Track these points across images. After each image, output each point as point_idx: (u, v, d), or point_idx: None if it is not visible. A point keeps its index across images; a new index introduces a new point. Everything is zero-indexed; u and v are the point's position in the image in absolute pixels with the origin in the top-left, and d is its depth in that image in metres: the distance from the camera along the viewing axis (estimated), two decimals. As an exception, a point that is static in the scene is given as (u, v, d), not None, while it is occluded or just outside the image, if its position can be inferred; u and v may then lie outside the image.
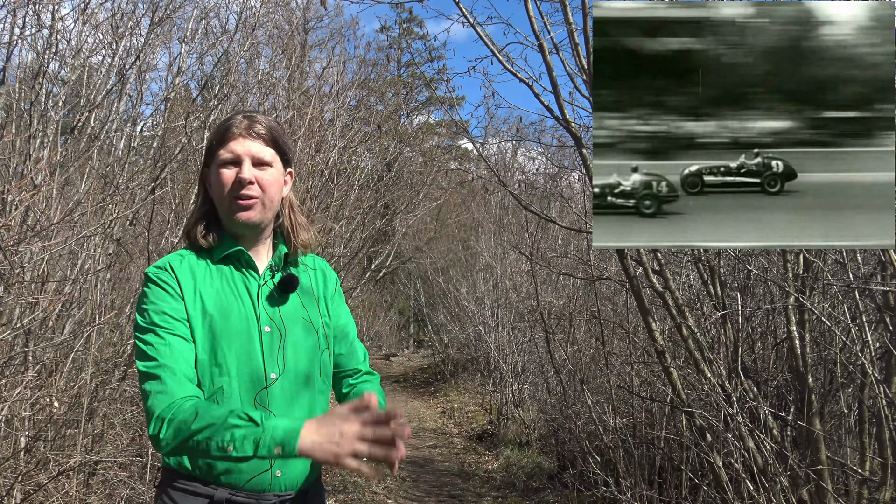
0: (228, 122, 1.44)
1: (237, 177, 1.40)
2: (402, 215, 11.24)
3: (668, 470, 4.39)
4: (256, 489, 1.39)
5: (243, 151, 1.41)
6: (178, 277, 1.42)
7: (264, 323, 1.45)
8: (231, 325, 1.41)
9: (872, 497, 2.79)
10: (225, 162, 1.42)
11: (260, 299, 1.47)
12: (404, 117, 16.64)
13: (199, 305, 1.41)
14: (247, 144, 1.42)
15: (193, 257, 1.47)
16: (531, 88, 3.42)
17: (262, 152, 1.43)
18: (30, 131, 3.72)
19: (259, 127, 1.43)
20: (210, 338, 1.39)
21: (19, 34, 3.77)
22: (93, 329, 3.42)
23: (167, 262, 1.45)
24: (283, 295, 1.49)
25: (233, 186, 1.41)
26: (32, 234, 3.14)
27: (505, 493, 5.73)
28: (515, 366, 8.26)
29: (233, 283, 1.46)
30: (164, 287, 1.40)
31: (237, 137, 1.42)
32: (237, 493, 1.38)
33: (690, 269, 4.09)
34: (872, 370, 2.65)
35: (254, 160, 1.42)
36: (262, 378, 1.42)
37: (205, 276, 1.45)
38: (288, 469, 1.42)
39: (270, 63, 6.44)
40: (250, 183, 1.41)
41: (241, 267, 1.48)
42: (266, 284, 1.49)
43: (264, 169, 1.43)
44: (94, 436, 3.48)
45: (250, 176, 1.41)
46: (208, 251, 1.48)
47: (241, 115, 1.45)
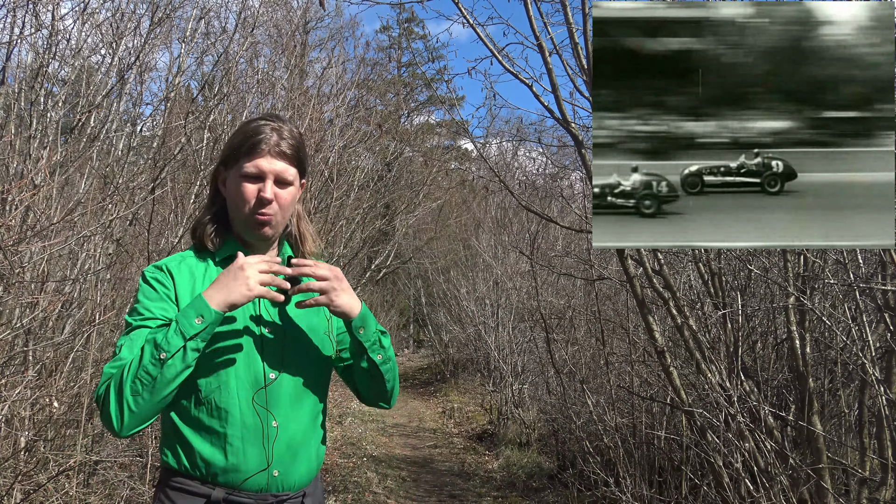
0: (257, 134, 1.44)
1: (259, 195, 1.43)
2: (403, 215, 11.25)
3: (668, 470, 4.39)
4: (254, 489, 1.39)
5: (269, 170, 1.43)
6: (175, 280, 1.44)
7: (265, 324, 1.46)
8: (229, 325, 1.42)
9: (872, 497, 2.79)
10: (249, 175, 1.43)
11: (260, 301, 1.47)
12: (404, 117, 16.64)
13: None
14: (273, 163, 1.44)
15: (195, 259, 1.50)
16: (531, 89, 3.42)
17: (285, 172, 1.45)
18: (29, 131, 3.72)
19: (286, 145, 1.45)
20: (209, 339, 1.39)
21: (19, 34, 3.77)
22: (93, 329, 3.42)
23: (165, 264, 1.47)
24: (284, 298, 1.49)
25: (255, 203, 1.44)
26: (32, 234, 3.14)
27: (505, 493, 5.73)
28: (515, 366, 8.26)
29: None
30: (157, 288, 1.43)
31: (265, 155, 1.43)
32: (234, 492, 1.38)
33: (691, 269, 4.08)
34: (873, 370, 2.65)
35: (277, 179, 1.45)
36: (263, 378, 1.42)
37: (205, 279, 1.46)
38: (286, 469, 1.42)
39: (270, 63, 6.44)
40: (270, 202, 1.44)
41: None
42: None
43: (284, 188, 1.47)
44: (94, 436, 3.48)
45: (272, 196, 1.44)
46: (211, 252, 1.50)
47: (269, 128, 1.45)
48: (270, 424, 1.40)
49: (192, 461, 1.38)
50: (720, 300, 3.44)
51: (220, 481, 1.38)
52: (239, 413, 1.38)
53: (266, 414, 1.39)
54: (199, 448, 1.37)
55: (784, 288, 3.04)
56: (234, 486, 1.38)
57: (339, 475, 5.76)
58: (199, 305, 1.31)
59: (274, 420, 1.40)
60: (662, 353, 3.31)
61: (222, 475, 1.38)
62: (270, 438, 1.39)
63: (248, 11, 5.60)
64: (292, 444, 1.43)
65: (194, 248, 1.52)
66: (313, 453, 1.49)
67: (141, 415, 1.30)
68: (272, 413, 1.40)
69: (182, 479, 1.39)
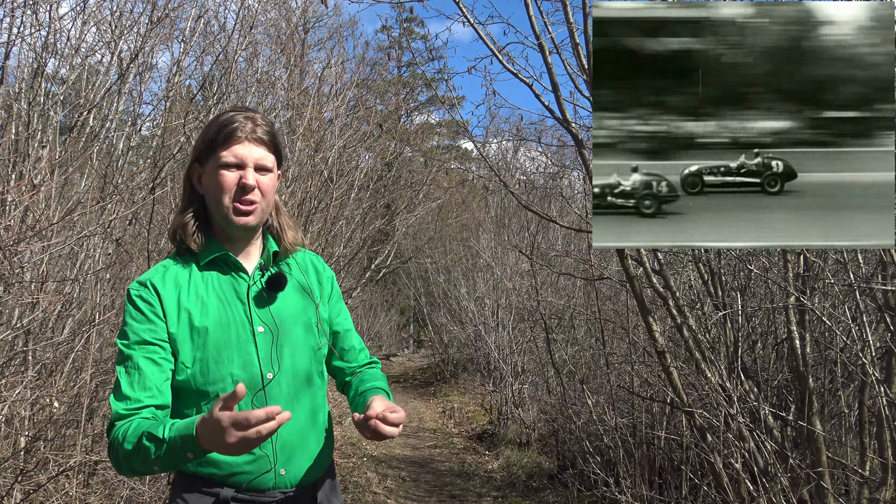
0: (231, 123, 1.41)
1: (241, 182, 1.40)
2: (403, 215, 11.25)
3: (668, 470, 4.39)
4: (260, 488, 1.41)
5: (248, 156, 1.40)
6: (161, 295, 1.41)
7: (257, 324, 1.45)
8: (222, 331, 1.41)
9: (873, 497, 2.79)
10: (228, 165, 1.40)
11: (250, 300, 1.46)
12: (405, 117, 16.64)
13: (186, 319, 1.40)
14: (251, 149, 1.41)
15: (178, 266, 1.46)
16: (531, 88, 3.42)
17: (265, 159, 1.43)
18: (28, 131, 3.72)
19: (261, 131, 1.43)
20: (201, 349, 1.39)
21: (17, 33, 3.77)
22: (92, 329, 3.42)
23: (149, 279, 1.43)
24: (273, 294, 1.48)
25: (236, 191, 1.40)
26: (32, 233, 3.14)
27: (505, 493, 5.73)
28: (515, 366, 8.26)
29: (221, 288, 1.46)
30: (143, 309, 1.39)
31: (242, 141, 1.40)
32: (241, 491, 1.40)
33: (691, 269, 4.08)
34: (873, 370, 2.65)
35: (257, 166, 1.42)
36: (260, 379, 1.43)
37: (190, 286, 1.44)
38: (291, 467, 1.43)
39: (269, 62, 6.44)
40: (253, 189, 1.41)
41: (229, 270, 1.48)
42: (255, 284, 1.48)
43: (265, 174, 1.44)
44: (93, 436, 3.48)
45: (254, 183, 1.41)
46: (194, 255, 1.47)
47: (242, 116, 1.43)
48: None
49: (201, 462, 1.39)
50: (720, 300, 3.44)
51: (227, 481, 1.40)
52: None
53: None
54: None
55: (784, 288, 3.04)
56: (240, 485, 1.40)
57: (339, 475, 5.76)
58: (192, 446, 1.20)
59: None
60: (662, 353, 3.31)
61: (228, 476, 1.39)
62: (275, 438, 1.39)
63: (247, 11, 5.59)
64: (293, 442, 1.44)
65: (175, 254, 1.49)
66: (315, 448, 1.49)
67: (145, 472, 1.31)
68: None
69: (193, 480, 1.41)
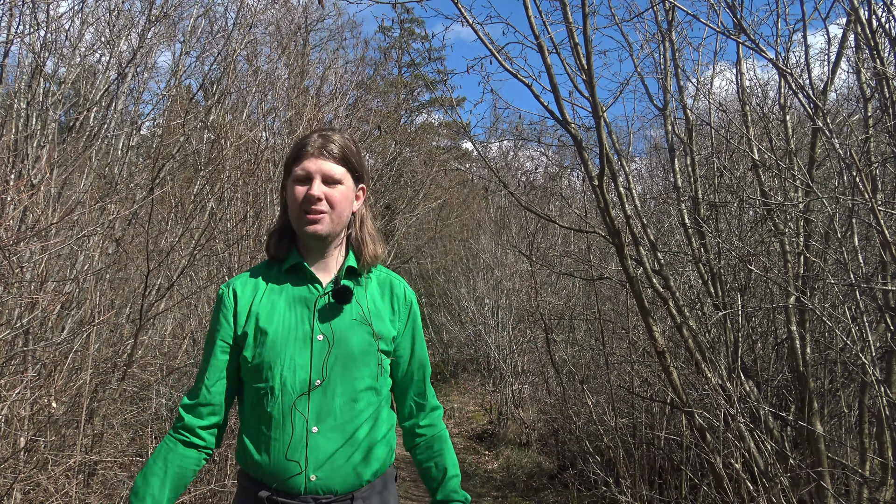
0: (305, 140, 1.55)
1: (307, 193, 1.50)
2: (403, 215, 11.25)
3: (668, 470, 4.39)
4: (293, 491, 1.45)
5: (315, 170, 1.51)
6: (238, 298, 1.56)
7: (317, 332, 1.52)
8: (282, 334, 1.50)
9: (872, 497, 2.78)
10: (298, 179, 1.52)
11: (315, 309, 1.54)
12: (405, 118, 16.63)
13: (254, 321, 1.52)
14: (318, 163, 1.52)
15: (263, 272, 1.61)
16: (530, 88, 3.42)
17: (332, 170, 1.52)
18: (27, 131, 3.72)
19: (332, 146, 1.53)
20: (261, 347, 1.50)
21: (16, 32, 3.76)
22: (92, 329, 3.41)
23: (234, 282, 1.59)
24: (338, 306, 1.55)
25: (303, 201, 1.51)
26: (32, 233, 3.13)
27: (505, 493, 5.73)
28: (515, 366, 8.26)
29: (292, 295, 1.56)
30: (223, 311, 1.56)
31: (310, 157, 1.52)
32: (276, 492, 1.46)
33: (691, 270, 4.08)
34: (873, 370, 2.65)
35: (324, 178, 1.51)
36: (307, 385, 1.48)
37: (266, 291, 1.57)
38: (325, 474, 1.46)
39: (269, 61, 6.43)
40: (318, 199, 1.50)
41: (305, 280, 1.58)
42: (325, 296, 1.56)
43: (334, 186, 1.53)
44: (93, 436, 3.48)
45: (319, 193, 1.50)
46: (279, 263, 1.61)
47: (316, 135, 1.55)
48: (311, 430, 1.46)
49: (245, 460, 1.50)
50: (720, 300, 3.44)
51: (265, 481, 1.47)
52: (281, 417, 1.45)
53: (302, 420, 1.46)
54: (250, 449, 1.48)
55: (784, 288, 3.04)
56: (274, 486, 1.46)
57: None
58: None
59: (314, 426, 1.46)
60: (662, 354, 3.31)
61: (267, 476, 1.46)
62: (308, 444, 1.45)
63: (247, 10, 5.59)
64: (326, 450, 1.46)
65: (266, 261, 1.64)
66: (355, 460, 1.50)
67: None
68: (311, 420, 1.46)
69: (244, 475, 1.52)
